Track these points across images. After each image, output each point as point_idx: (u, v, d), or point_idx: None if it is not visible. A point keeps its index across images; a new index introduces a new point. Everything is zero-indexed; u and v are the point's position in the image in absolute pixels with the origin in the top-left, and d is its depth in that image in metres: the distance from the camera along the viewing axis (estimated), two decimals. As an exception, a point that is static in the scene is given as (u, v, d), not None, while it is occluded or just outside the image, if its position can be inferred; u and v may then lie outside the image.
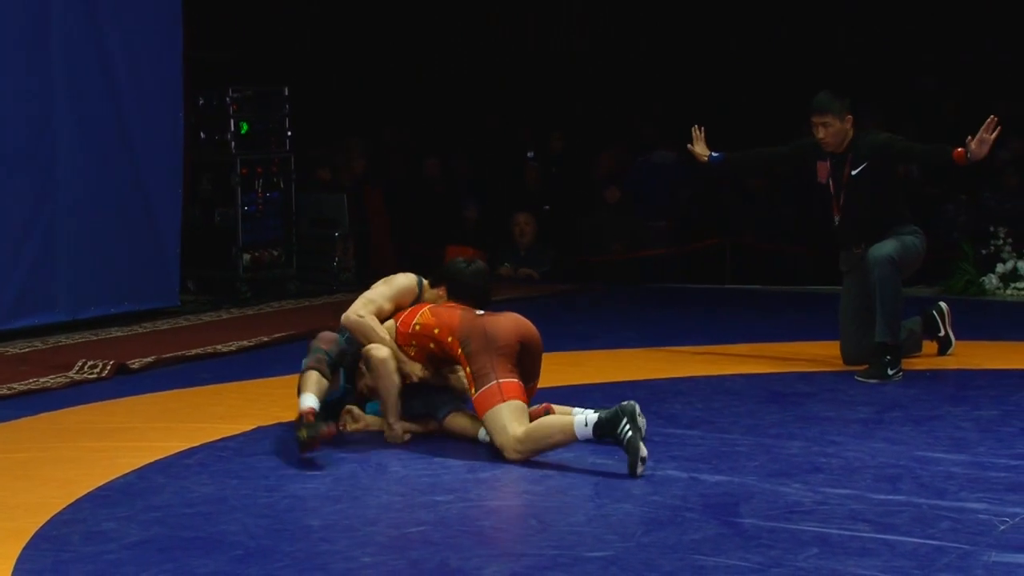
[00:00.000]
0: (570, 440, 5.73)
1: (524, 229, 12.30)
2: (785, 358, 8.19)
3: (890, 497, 5.24)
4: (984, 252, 11.07)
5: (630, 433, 5.51)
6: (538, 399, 6.59)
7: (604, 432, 5.59)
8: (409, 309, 6.32)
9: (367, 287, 6.47)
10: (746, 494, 5.32)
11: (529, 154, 13.74)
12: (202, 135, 11.15)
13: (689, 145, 8.19)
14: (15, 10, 9.04)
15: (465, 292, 6.30)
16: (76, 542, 4.86)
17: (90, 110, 9.52)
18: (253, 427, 6.58)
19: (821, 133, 7.68)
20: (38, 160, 9.23)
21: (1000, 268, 10.98)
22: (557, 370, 7.78)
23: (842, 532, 4.82)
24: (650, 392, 7.25)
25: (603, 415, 5.60)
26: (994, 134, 7.23)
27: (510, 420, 5.78)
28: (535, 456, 5.80)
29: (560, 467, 5.75)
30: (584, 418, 5.66)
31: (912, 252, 7.66)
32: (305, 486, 5.54)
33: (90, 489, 5.50)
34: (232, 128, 11.10)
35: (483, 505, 5.33)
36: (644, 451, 5.55)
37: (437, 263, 11.50)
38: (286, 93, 11.40)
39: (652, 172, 12.94)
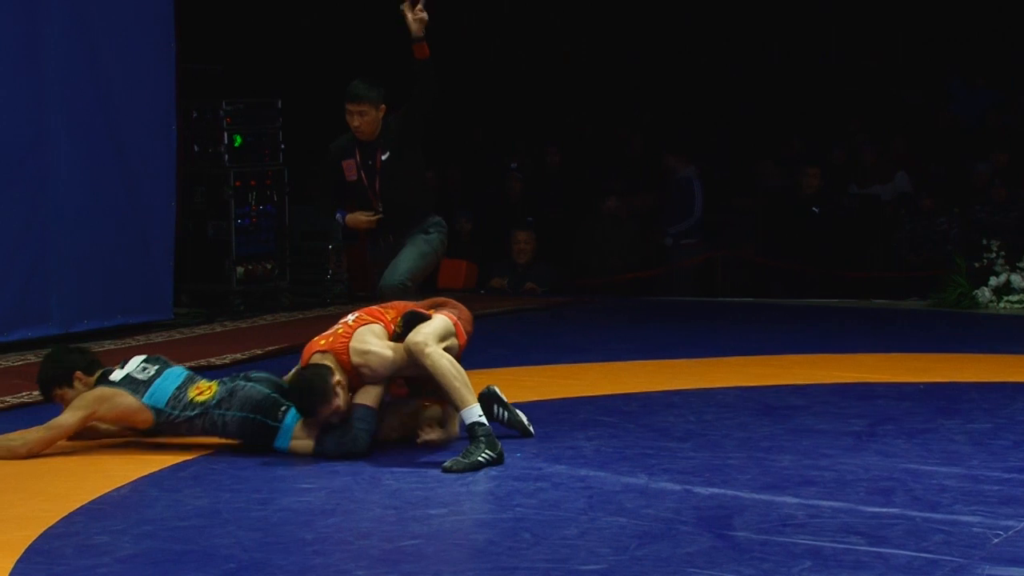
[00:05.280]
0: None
1: (524, 248, 12.01)
2: (777, 371, 8.19)
3: (883, 510, 5.24)
4: (977, 265, 11.05)
5: (506, 413, 6.37)
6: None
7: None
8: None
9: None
10: (739, 507, 5.32)
11: (513, 165, 13.61)
12: (195, 148, 11.13)
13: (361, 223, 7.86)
14: (6, 24, 9.03)
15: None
16: (69, 555, 4.85)
17: (83, 123, 9.51)
18: (246, 440, 6.56)
19: (356, 121, 7.63)
20: (31, 173, 9.22)
21: (993, 281, 10.95)
22: (550, 383, 7.79)
23: (835, 545, 4.82)
24: (643, 405, 7.26)
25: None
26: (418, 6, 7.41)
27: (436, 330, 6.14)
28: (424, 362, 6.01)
29: (553, 480, 5.76)
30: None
31: (429, 258, 7.66)
32: (298, 499, 5.53)
33: (83, 502, 5.49)
34: (225, 141, 11.09)
35: (476, 518, 5.33)
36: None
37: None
38: (279, 105, 11.41)
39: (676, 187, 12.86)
